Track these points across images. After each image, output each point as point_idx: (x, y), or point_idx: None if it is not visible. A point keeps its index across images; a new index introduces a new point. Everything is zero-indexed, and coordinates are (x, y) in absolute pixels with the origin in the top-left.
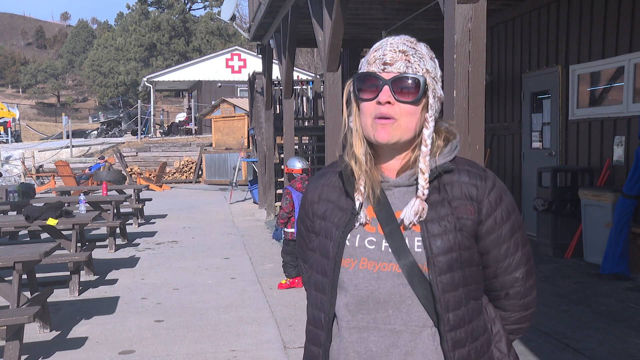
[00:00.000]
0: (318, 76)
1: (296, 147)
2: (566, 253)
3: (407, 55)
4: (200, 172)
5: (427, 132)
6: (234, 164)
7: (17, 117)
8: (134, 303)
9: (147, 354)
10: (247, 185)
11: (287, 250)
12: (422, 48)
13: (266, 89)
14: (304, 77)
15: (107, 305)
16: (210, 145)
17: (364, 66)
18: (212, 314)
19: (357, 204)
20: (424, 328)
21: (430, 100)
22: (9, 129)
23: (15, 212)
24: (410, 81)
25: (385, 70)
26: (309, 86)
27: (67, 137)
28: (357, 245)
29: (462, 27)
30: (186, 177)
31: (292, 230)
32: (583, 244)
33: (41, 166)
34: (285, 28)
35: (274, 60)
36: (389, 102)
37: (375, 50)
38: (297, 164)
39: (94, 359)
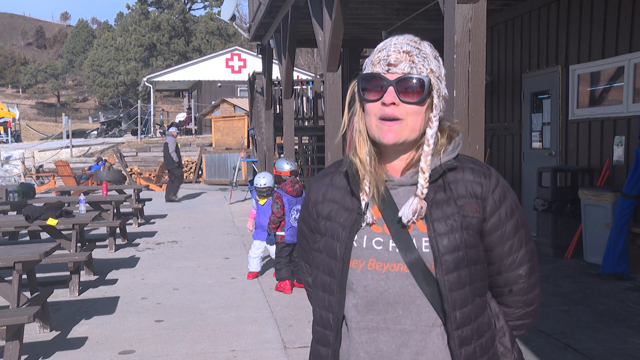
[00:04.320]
0: (318, 76)
1: (296, 147)
2: (566, 253)
3: (411, 55)
4: (200, 172)
5: (430, 132)
6: (234, 164)
7: (17, 117)
8: (134, 303)
9: (147, 354)
10: (247, 185)
11: (277, 253)
12: (426, 47)
13: (266, 89)
14: (304, 77)
15: (107, 305)
16: (210, 145)
17: (368, 67)
18: (212, 314)
19: (363, 203)
20: (433, 327)
21: (435, 100)
22: (9, 129)
23: (15, 212)
24: (415, 82)
25: (390, 71)
26: (309, 86)
27: (67, 137)
28: (364, 246)
29: (462, 27)
30: (186, 177)
31: (282, 233)
32: (583, 244)
33: (41, 166)
34: (285, 28)
35: (274, 60)
36: (393, 103)
37: (380, 51)
38: (285, 166)
39: (94, 359)
